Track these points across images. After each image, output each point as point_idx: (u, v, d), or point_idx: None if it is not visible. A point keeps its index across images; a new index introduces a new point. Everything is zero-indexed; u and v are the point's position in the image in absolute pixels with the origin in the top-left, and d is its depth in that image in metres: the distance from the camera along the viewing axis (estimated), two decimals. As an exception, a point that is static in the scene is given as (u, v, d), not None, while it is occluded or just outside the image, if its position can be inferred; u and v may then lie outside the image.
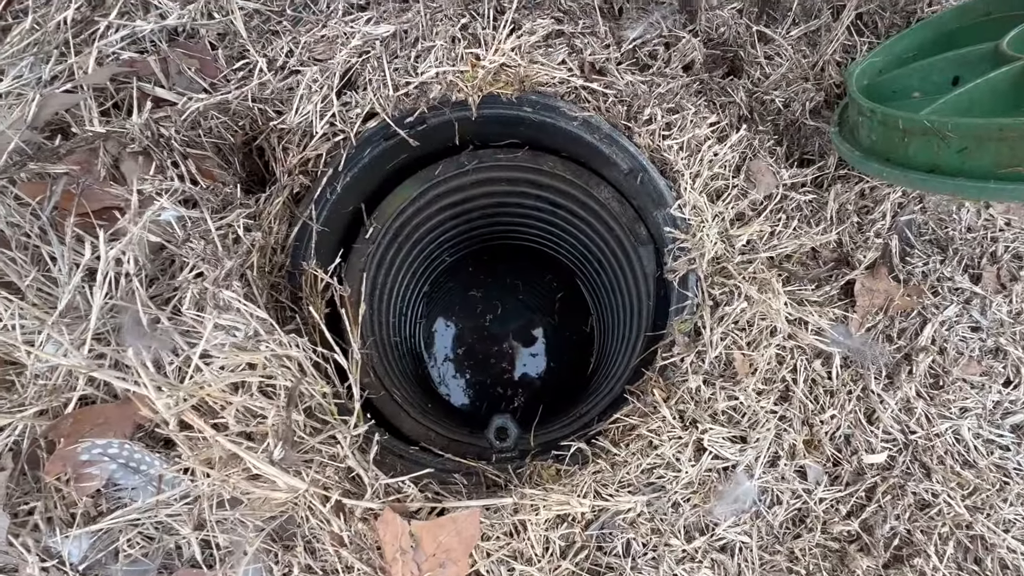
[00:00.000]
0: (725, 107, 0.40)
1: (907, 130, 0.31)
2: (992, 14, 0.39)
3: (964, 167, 0.28)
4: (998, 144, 0.27)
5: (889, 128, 0.32)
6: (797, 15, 0.43)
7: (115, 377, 0.25)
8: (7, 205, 0.29)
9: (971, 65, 0.35)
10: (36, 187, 0.30)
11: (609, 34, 0.40)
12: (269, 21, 0.39)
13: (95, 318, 0.26)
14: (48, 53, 0.33)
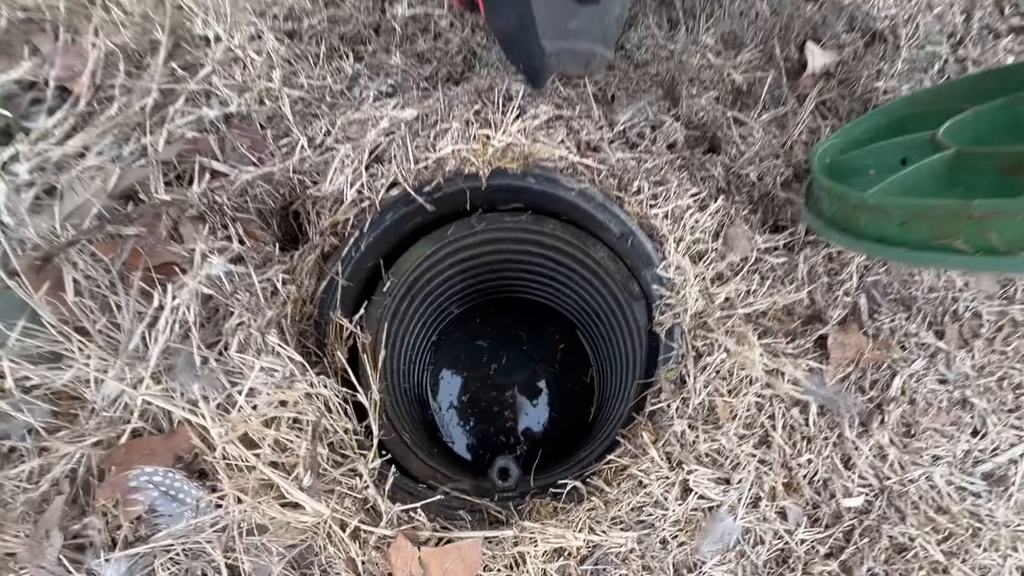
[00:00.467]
0: (705, 180, 0.45)
1: (857, 205, 0.36)
2: (937, 104, 0.45)
3: (905, 238, 0.33)
4: (931, 220, 0.32)
5: (844, 203, 0.37)
6: (767, 102, 0.49)
7: (177, 407, 0.29)
8: (84, 260, 0.34)
9: (916, 149, 0.40)
10: (109, 246, 0.35)
11: (602, 117, 0.46)
12: (310, 106, 0.45)
13: (154, 359, 0.30)
14: (127, 134, 0.39)
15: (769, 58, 0.51)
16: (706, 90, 0.49)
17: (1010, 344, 0.42)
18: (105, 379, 0.31)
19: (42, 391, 0.31)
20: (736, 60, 0.50)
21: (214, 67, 0.43)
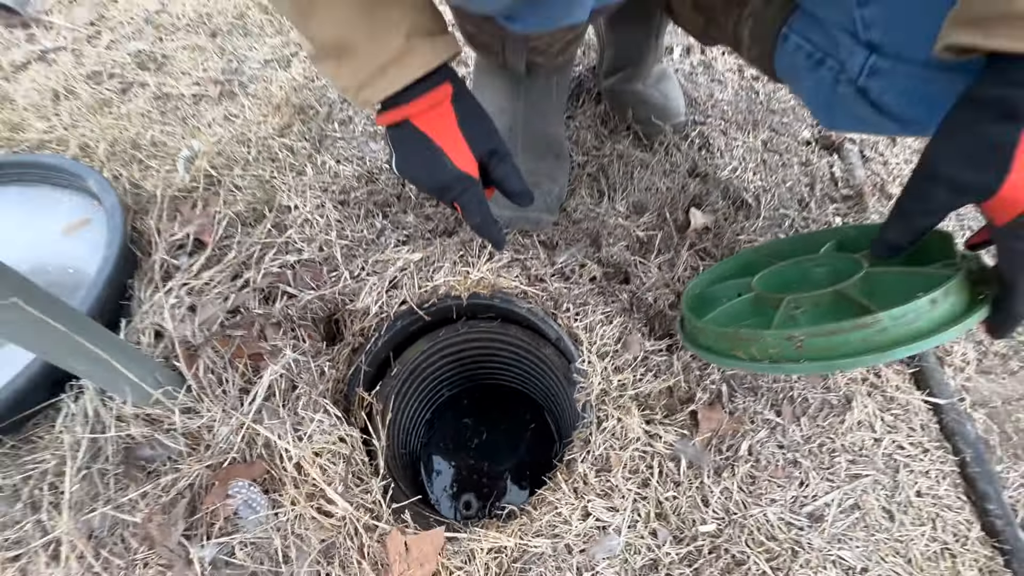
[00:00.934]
0: (614, 303, 0.66)
1: (697, 327, 0.56)
2: (767, 256, 0.67)
3: (717, 349, 0.53)
4: (726, 338, 0.51)
5: (692, 323, 0.57)
6: (661, 249, 0.71)
7: (276, 438, 0.48)
8: (209, 351, 0.54)
9: (743, 288, 0.62)
10: (224, 341, 0.56)
11: (546, 259, 0.69)
12: (352, 250, 0.68)
13: (252, 412, 0.50)
14: (238, 270, 0.62)
15: (664, 219, 0.75)
16: (619, 241, 0.72)
17: (827, 420, 0.60)
18: (217, 426, 0.50)
19: (179, 431, 0.50)
20: (639, 221, 0.73)
21: (295, 227, 0.66)
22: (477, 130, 0.49)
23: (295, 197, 0.71)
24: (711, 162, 0.83)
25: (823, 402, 0.62)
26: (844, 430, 0.60)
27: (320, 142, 0.79)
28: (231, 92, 0.84)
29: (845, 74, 0.50)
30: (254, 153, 0.76)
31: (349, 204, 0.73)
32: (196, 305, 0.58)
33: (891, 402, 0.62)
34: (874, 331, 0.42)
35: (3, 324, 0.36)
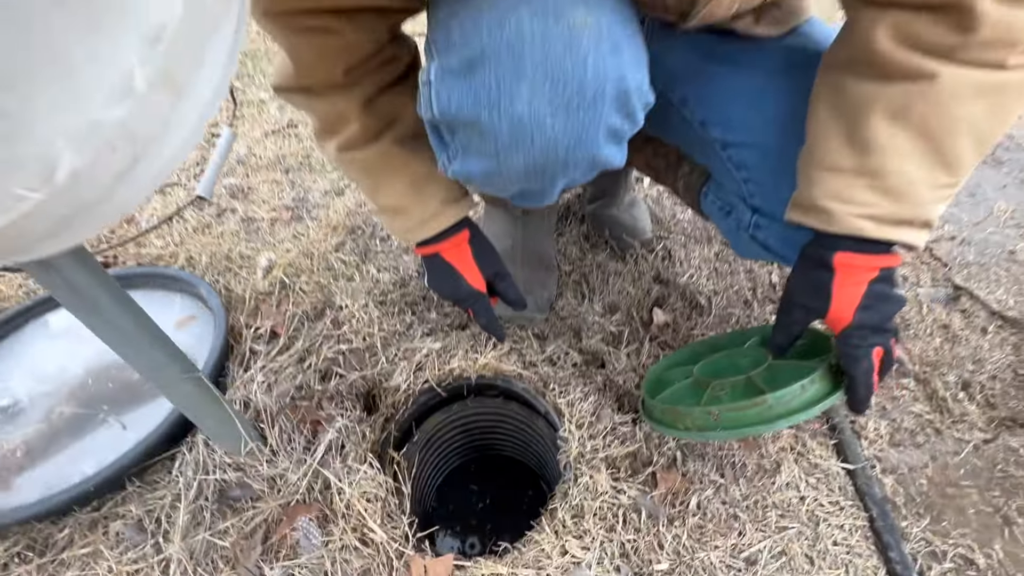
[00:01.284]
0: (591, 383, 0.84)
1: (651, 404, 0.73)
2: (710, 347, 0.85)
3: (663, 421, 0.69)
4: (669, 413, 0.69)
5: (649, 402, 0.74)
6: (629, 340, 0.90)
7: (336, 480, 0.64)
8: (282, 417, 0.73)
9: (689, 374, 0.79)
10: (293, 409, 0.74)
11: (538, 348, 0.88)
12: (388, 340, 0.88)
13: (316, 462, 0.67)
14: (303, 355, 0.82)
15: (632, 317, 0.94)
16: (596, 334, 0.91)
17: (761, 482, 0.75)
18: (287, 473, 0.67)
19: (260, 477, 0.67)
20: (612, 318, 0.93)
21: (346, 323, 0.87)
22: (485, 260, 0.71)
23: (346, 298, 0.92)
24: (672, 270, 1.04)
25: (758, 466, 0.77)
26: (775, 490, 0.74)
27: (365, 255, 1.03)
28: (299, 216, 1.10)
29: (742, 224, 0.71)
30: (316, 264, 0.99)
31: (387, 303, 0.94)
32: (273, 382, 0.77)
33: (814, 467, 0.77)
34: (765, 408, 0.60)
35: (172, 391, 0.55)
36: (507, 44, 0.41)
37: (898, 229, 0.51)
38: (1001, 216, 1.22)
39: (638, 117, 0.50)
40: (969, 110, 0.46)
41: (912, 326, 0.98)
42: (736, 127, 0.65)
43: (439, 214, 0.67)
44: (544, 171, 0.49)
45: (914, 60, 0.45)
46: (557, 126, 0.44)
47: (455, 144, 0.51)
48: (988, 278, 1.08)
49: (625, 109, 0.47)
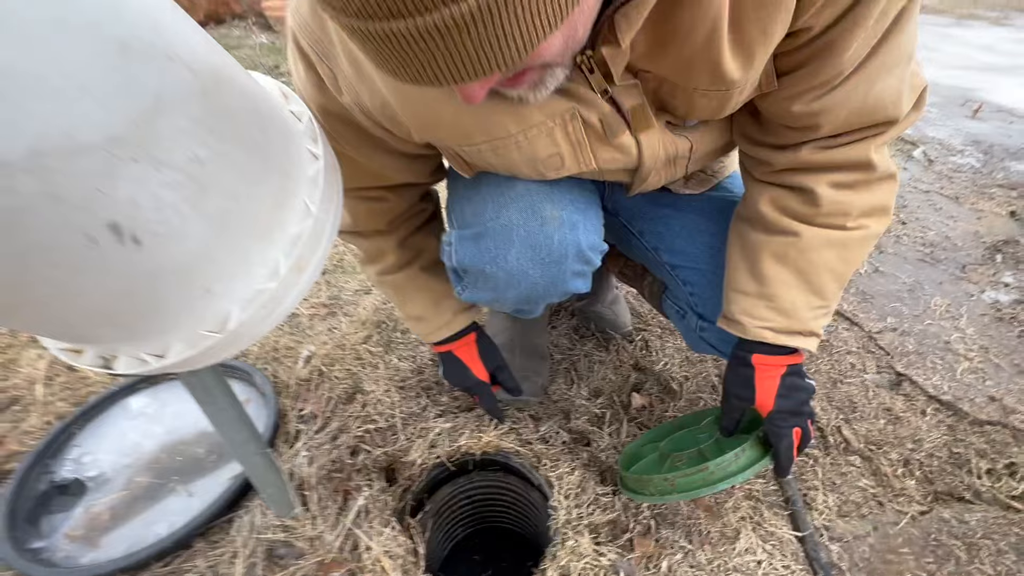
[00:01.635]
0: (578, 459, 0.99)
1: (625, 475, 0.88)
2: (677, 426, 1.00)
3: (634, 489, 0.84)
4: (640, 482, 0.83)
5: (623, 474, 0.89)
6: (611, 422, 1.06)
7: (367, 539, 0.79)
8: (320, 487, 0.88)
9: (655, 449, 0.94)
10: (328, 480, 0.90)
11: (533, 427, 1.04)
12: (407, 420, 1.05)
13: (348, 525, 0.82)
14: (336, 434, 0.98)
15: (614, 401, 1.11)
16: (583, 416, 1.07)
17: (723, 548, 0.87)
18: (324, 535, 0.82)
19: (302, 537, 0.81)
20: (597, 402, 1.10)
21: (371, 405, 1.05)
22: (488, 356, 0.90)
23: (372, 384, 1.10)
24: (649, 359, 1.22)
25: (721, 534, 0.89)
26: (735, 555, 0.86)
27: (389, 346, 1.22)
28: (334, 312, 1.31)
29: (691, 326, 0.90)
30: (347, 354, 1.18)
31: (406, 388, 1.12)
32: (313, 457, 0.93)
33: (770, 535, 0.90)
34: (708, 473, 0.75)
35: (247, 462, 0.72)
36: (502, 226, 0.63)
37: (791, 337, 0.70)
38: (937, 310, 1.40)
39: (595, 262, 0.71)
40: (825, 256, 0.66)
41: (859, 409, 1.13)
42: (680, 254, 0.86)
43: (452, 321, 0.87)
44: (530, 300, 0.70)
45: (785, 222, 0.67)
46: (536, 275, 0.65)
47: (466, 280, 0.72)
48: (926, 366, 1.24)
49: (583, 260, 0.68)
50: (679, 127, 0.63)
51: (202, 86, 0.41)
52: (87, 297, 0.41)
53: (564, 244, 0.65)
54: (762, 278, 0.69)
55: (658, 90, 0.55)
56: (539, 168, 0.61)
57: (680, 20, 0.44)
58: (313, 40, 0.54)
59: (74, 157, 0.33)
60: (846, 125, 0.57)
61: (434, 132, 0.58)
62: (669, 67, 0.51)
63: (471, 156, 0.62)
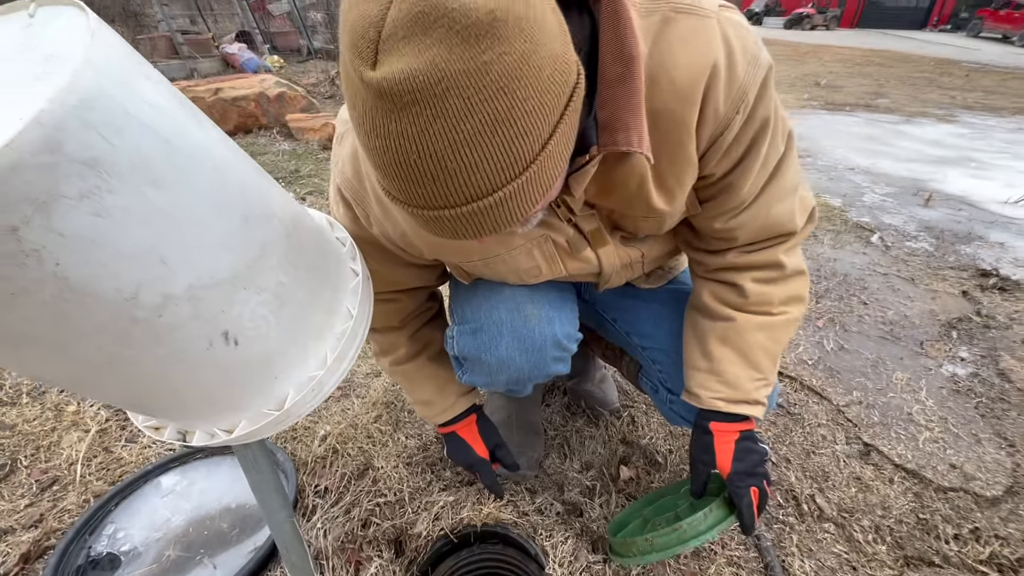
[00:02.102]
0: (571, 529, 1.07)
1: (613, 540, 0.96)
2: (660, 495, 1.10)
3: (622, 552, 0.92)
4: (625, 545, 0.92)
5: (611, 539, 0.97)
6: (601, 492, 1.15)
7: None
8: (335, 557, 0.96)
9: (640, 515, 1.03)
10: (342, 550, 0.98)
11: (529, 500, 1.13)
12: (413, 495, 1.14)
13: (359, 593, 0.89)
14: (348, 507, 1.07)
15: (603, 473, 1.20)
16: (575, 488, 1.16)
17: (707, 612, 0.94)
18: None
19: (317, 606, 0.88)
20: (588, 474, 1.19)
21: (381, 481, 1.14)
22: (488, 436, 1.02)
23: (382, 461, 1.21)
24: (635, 434, 1.33)
25: (705, 599, 0.96)
26: (719, 619, 0.93)
27: (397, 424, 1.33)
28: (347, 393, 1.44)
29: (662, 399, 1.03)
30: (359, 433, 1.29)
31: (412, 464, 1.22)
32: (328, 529, 1.02)
33: (751, 600, 0.96)
34: (681, 532, 0.85)
35: (277, 529, 0.82)
36: (493, 322, 0.80)
37: (740, 406, 0.83)
38: (899, 384, 1.53)
39: (571, 348, 0.87)
40: (757, 337, 0.82)
41: (831, 478, 1.23)
42: (648, 337, 1.02)
43: (455, 404, 1.00)
44: (518, 381, 0.85)
45: (723, 310, 0.83)
46: (522, 361, 0.81)
47: (466, 366, 0.87)
48: (891, 436, 1.35)
49: (560, 348, 0.84)
50: (632, 240, 0.81)
51: (286, 231, 0.59)
52: (196, 385, 0.56)
53: (543, 335, 0.81)
54: (711, 357, 0.84)
55: (611, 215, 0.74)
56: (522, 276, 0.78)
57: (615, 177, 0.64)
58: (352, 191, 0.73)
59: (212, 289, 0.50)
60: (756, 237, 0.76)
61: (440, 253, 0.77)
62: (614, 204, 0.70)
63: (469, 268, 0.79)
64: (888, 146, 4.26)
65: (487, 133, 0.38)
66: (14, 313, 0.40)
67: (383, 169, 0.43)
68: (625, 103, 0.54)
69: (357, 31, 0.37)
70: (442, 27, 0.34)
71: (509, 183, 0.42)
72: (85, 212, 0.39)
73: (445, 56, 0.35)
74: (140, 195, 0.42)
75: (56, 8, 0.47)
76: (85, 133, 0.38)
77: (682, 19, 0.56)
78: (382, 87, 0.36)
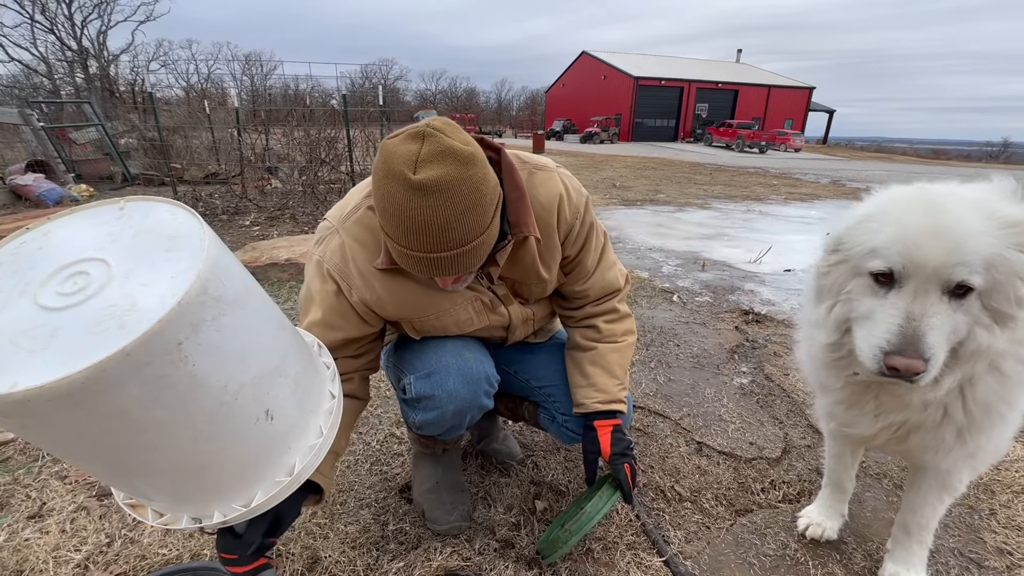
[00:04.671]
0: (508, 559, 1.29)
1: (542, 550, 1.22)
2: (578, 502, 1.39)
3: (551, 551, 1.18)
4: (548, 542, 1.18)
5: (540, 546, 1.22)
6: (523, 525, 1.40)
7: None
8: (307, 640, 1.04)
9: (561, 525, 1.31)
10: (313, 634, 1.06)
11: (467, 544, 1.33)
12: (369, 571, 1.25)
13: (343, 658, 0.99)
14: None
15: (523, 510, 1.46)
16: (503, 527, 1.39)
17: (621, 586, 1.23)
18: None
19: None
20: (511, 514, 1.44)
21: (334, 566, 1.24)
22: None
23: (328, 551, 1.29)
24: (540, 474, 1.62)
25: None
26: (630, 588, 1.22)
27: (333, 517, 1.42)
28: (273, 503, 1.48)
29: (558, 423, 1.37)
30: (299, 533, 1.36)
31: (358, 547, 1.32)
32: (293, 619, 1.09)
33: (648, 567, 1.28)
34: (588, 513, 1.15)
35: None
36: (443, 366, 1.10)
37: (611, 404, 1.21)
38: (709, 396, 2.11)
39: (495, 386, 1.20)
40: (613, 357, 1.23)
41: (681, 471, 1.66)
42: (542, 378, 1.37)
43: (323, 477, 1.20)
44: (460, 412, 1.13)
45: (589, 344, 1.24)
46: (465, 393, 1.12)
47: (420, 406, 1.14)
48: (712, 433, 1.86)
49: (489, 384, 1.16)
50: (527, 303, 1.20)
51: (297, 344, 0.83)
52: (241, 456, 0.73)
53: (479, 372, 1.14)
54: (587, 375, 1.23)
55: (513, 285, 1.15)
56: (460, 326, 1.14)
57: (518, 255, 1.06)
58: (339, 271, 1.02)
59: (263, 377, 0.72)
60: (600, 293, 1.22)
61: (404, 311, 1.08)
62: (517, 275, 1.11)
63: (420, 324, 1.12)
64: (671, 229, 5.59)
65: (467, 211, 0.80)
66: (159, 402, 0.60)
67: (409, 232, 0.80)
68: (523, 210, 0.99)
69: (405, 156, 0.77)
70: (449, 157, 0.78)
71: (474, 240, 0.84)
72: (213, 329, 0.63)
73: (450, 171, 0.78)
74: (237, 315, 0.67)
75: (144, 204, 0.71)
76: (214, 280, 0.63)
77: (539, 173, 1.07)
78: (419, 183, 0.76)
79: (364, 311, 1.06)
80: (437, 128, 0.79)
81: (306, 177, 5.89)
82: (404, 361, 1.21)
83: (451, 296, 1.08)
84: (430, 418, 1.15)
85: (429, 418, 1.15)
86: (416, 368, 1.16)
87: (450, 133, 0.80)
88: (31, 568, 1.22)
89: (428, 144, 0.78)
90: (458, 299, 1.09)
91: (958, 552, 1.33)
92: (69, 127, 9.24)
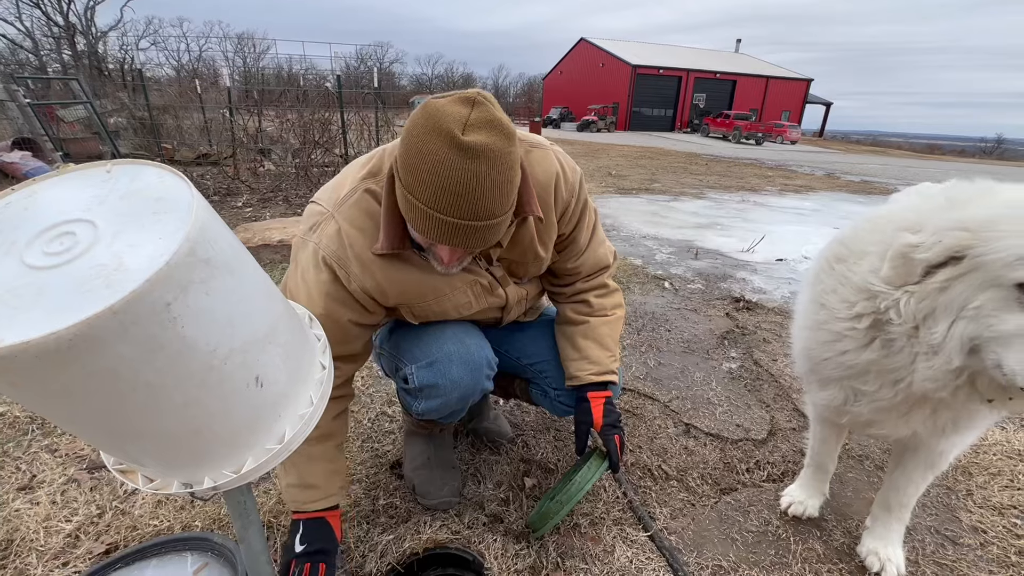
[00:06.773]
0: (497, 533, 1.31)
1: (532, 523, 1.24)
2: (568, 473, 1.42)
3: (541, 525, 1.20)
4: (539, 514, 1.20)
5: (531, 520, 1.25)
6: (512, 500, 1.42)
7: None
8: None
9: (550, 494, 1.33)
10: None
11: (457, 519, 1.35)
12: (359, 543, 1.27)
13: (332, 624, 1.01)
14: None
15: (512, 486, 1.48)
16: (493, 502, 1.41)
17: (607, 560, 1.25)
18: (312, 640, 0.99)
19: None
20: (500, 490, 1.46)
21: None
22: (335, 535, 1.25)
23: (318, 524, 1.31)
24: (530, 452, 1.64)
25: (604, 551, 1.27)
26: (616, 561, 1.25)
27: (323, 492, 1.44)
28: (265, 477, 1.49)
29: (550, 397, 1.38)
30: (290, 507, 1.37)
31: (348, 520, 1.34)
32: (284, 588, 1.10)
33: (633, 542, 1.31)
34: (577, 484, 1.17)
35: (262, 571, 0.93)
36: (445, 354, 1.10)
37: (604, 375, 1.23)
38: (699, 380, 2.13)
39: (495, 368, 1.20)
40: (604, 330, 1.24)
41: (668, 451, 1.68)
42: (533, 355, 1.38)
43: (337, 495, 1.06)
44: (464, 398, 1.13)
45: (580, 318, 1.25)
46: (468, 379, 1.12)
47: (422, 395, 1.14)
48: (700, 415, 1.88)
49: (490, 367, 1.17)
50: (521, 283, 1.20)
51: (288, 314, 0.83)
52: (232, 422, 0.74)
53: (481, 357, 1.14)
54: (579, 348, 1.24)
55: (510, 266, 1.14)
56: (459, 310, 1.12)
57: (519, 237, 1.05)
58: (337, 258, 0.96)
59: (253, 344, 0.72)
60: (592, 269, 1.23)
61: (404, 297, 1.05)
62: (516, 255, 1.10)
63: (420, 309, 1.09)
64: (665, 218, 5.60)
65: (503, 184, 0.79)
66: (149, 364, 0.60)
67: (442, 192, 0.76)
68: (527, 191, 0.98)
69: (456, 116, 0.75)
70: (496, 128, 0.77)
71: (501, 215, 0.83)
72: (202, 292, 0.63)
73: (497, 141, 0.77)
74: (226, 280, 0.67)
75: (132, 167, 0.70)
76: (203, 243, 0.63)
77: (535, 151, 1.06)
78: (468, 144, 0.74)
79: (364, 299, 1.02)
80: (486, 98, 0.79)
81: (299, 159, 5.83)
82: (402, 350, 1.21)
83: (450, 280, 1.06)
84: (434, 406, 1.16)
85: (433, 406, 1.16)
86: (416, 357, 1.15)
87: (497, 106, 0.80)
88: (22, 538, 1.23)
89: (478, 111, 0.77)
90: (457, 283, 1.07)
91: (934, 530, 1.37)
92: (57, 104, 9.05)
